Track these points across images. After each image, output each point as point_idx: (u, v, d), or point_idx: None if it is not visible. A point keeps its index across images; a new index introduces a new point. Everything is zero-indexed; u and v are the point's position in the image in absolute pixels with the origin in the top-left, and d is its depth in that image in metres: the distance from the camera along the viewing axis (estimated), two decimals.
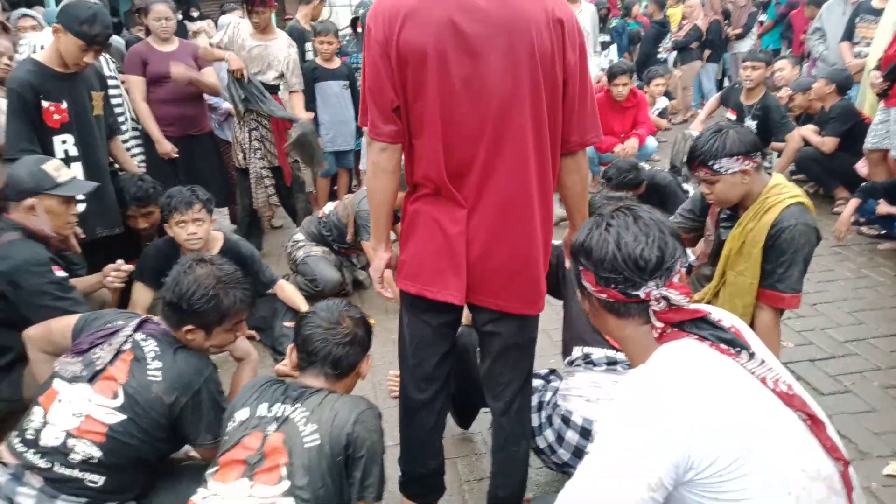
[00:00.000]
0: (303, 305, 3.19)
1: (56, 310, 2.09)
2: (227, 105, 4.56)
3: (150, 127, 3.94)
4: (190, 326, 1.77)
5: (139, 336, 1.74)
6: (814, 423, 1.14)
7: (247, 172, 4.28)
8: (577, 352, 2.05)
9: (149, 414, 1.66)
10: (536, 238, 1.66)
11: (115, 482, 1.66)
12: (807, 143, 4.90)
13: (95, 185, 2.62)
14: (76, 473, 1.62)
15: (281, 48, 4.17)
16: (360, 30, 4.55)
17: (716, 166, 2.13)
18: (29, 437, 1.65)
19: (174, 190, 2.94)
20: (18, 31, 3.82)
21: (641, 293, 1.19)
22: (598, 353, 2.01)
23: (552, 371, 2.22)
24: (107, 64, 3.59)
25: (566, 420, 1.94)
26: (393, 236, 1.89)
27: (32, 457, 1.63)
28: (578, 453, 1.90)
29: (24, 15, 4.13)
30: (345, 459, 1.52)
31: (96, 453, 1.61)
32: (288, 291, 3.24)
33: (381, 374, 2.96)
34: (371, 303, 3.74)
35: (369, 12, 1.54)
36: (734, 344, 1.17)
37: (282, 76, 4.21)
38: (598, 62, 5.20)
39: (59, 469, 1.61)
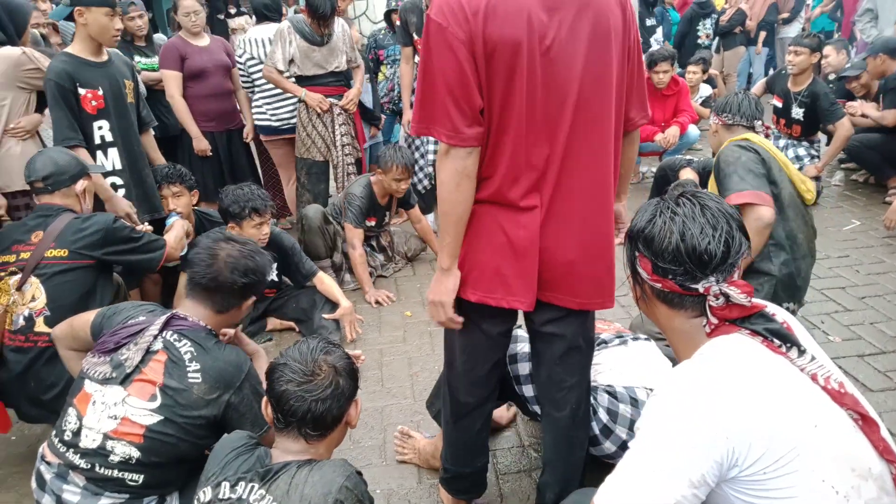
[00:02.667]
0: (341, 298, 3.23)
1: (145, 249, 2.48)
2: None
3: (188, 123, 3.96)
4: (254, 298, 1.88)
5: (170, 336, 1.71)
6: (865, 423, 1.09)
7: (322, 165, 4.17)
8: None
9: (189, 414, 1.65)
10: (613, 224, 1.61)
11: (156, 478, 1.67)
12: (857, 129, 4.73)
13: (101, 166, 2.91)
14: (116, 473, 1.62)
15: (339, 33, 4.04)
16: (397, 23, 4.53)
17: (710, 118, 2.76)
18: (67, 438, 1.66)
19: (246, 193, 3.02)
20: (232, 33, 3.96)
21: (700, 287, 1.15)
22: (606, 334, 2.13)
23: None
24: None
25: (612, 394, 1.93)
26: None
27: (73, 457, 1.64)
28: (615, 418, 1.92)
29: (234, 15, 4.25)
30: None
31: (135, 454, 1.62)
32: (326, 284, 3.28)
33: (419, 365, 2.97)
34: (407, 293, 3.75)
35: (437, 9, 1.40)
36: (785, 339, 1.13)
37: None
38: None
39: (100, 470, 1.63)
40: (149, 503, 1.69)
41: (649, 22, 6.56)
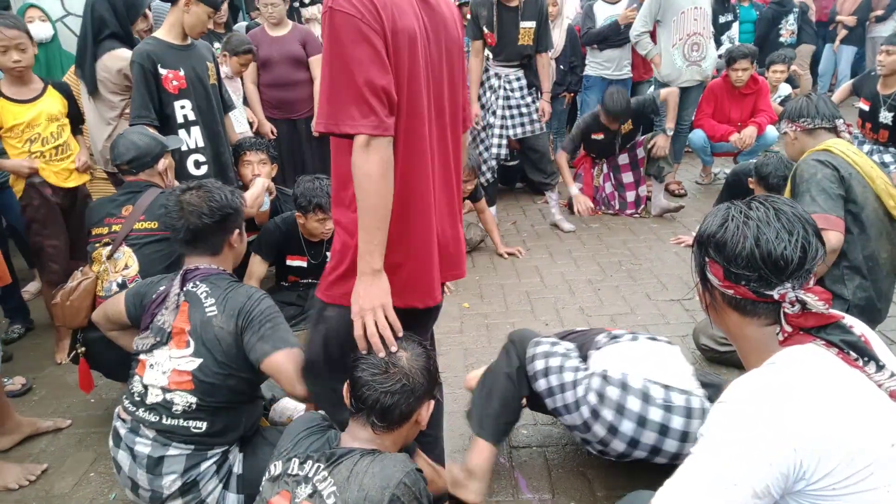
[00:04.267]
0: None
1: None
2: None
3: (254, 106, 4.19)
4: (238, 230, 2.01)
5: (190, 286, 1.87)
6: None
7: None
8: (600, 337, 2.14)
9: (219, 347, 1.78)
10: (461, 207, 1.78)
11: (218, 424, 1.81)
12: None
13: (179, 139, 3.00)
14: (181, 422, 1.78)
15: None
16: (467, 16, 4.53)
17: (781, 126, 2.60)
18: (136, 399, 1.84)
19: (316, 187, 3.08)
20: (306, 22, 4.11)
21: (775, 294, 1.11)
22: (617, 330, 2.16)
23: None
24: None
25: (605, 377, 1.92)
26: None
27: (142, 413, 1.81)
28: (621, 410, 1.86)
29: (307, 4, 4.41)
30: None
31: (192, 399, 1.77)
32: None
33: (475, 357, 3.00)
34: (465, 284, 3.77)
35: (345, 1, 1.39)
36: (863, 353, 1.09)
37: None
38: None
39: (166, 420, 1.78)
40: (213, 456, 1.81)
41: (723, 19, 6.28)
